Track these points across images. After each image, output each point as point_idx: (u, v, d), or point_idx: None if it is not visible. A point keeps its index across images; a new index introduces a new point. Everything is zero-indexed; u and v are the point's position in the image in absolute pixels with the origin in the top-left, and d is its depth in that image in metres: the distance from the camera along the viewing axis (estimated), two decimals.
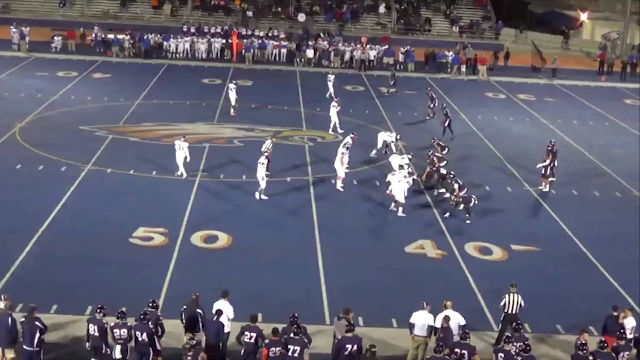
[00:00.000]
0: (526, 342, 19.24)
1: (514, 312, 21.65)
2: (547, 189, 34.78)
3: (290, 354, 18.75)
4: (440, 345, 18.95)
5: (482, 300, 24.66)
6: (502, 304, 21.82)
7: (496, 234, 30.07)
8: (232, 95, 44.85)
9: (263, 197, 31.55)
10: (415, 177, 32.77)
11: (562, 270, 27.44)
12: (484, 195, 33.55)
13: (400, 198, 31.00)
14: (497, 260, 28.00)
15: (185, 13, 76.25)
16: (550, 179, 34.79)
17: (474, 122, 46.88)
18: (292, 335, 18.94)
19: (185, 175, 33.76)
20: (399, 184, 31.21)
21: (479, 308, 24.08)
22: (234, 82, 47.21)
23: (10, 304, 19.51)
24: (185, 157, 33.87)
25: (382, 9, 77.84)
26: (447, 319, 20.13)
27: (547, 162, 34.60)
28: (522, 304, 21.78)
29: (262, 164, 31.41)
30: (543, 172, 34.73)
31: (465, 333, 19.37)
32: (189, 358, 18.42)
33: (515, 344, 19.35)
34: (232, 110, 44.84)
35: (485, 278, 26.14)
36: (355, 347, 18.91)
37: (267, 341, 18.87)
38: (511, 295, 21.76)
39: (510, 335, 19.68)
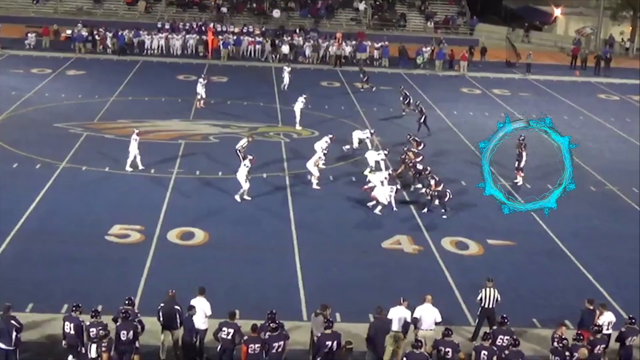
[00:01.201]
0: (514, 337, 19.39)
1: (490, 306, 21.75)
2: (521, 182, 34.96)
3: (274, 350, 18.75)
4: (419, 341, 19.04)
5: (458, 294, 24.74)
6: (478, 298, 21.91)
7: (472, 228, 30.18)
8: (201, 90, 45.16)
9: (246, 197, 31.40)
10: (398, 187, 32.57)
11: (537, 265, 27.58)
12: (460, 190, 33.69)
13: (383, 200, 31.01)
14: (473, 254, 28.10)
15: (160, 9, 76.05)
16: (521, 173, 35.05)
17: (450, 117, 47.03)
18: (271, 332, 18.89)
19: (130, 169, 33.80)
20: (383, 189, 31.19)
21: (455, 303, 24.15)
22: (203, 76, 47.26)
23: None
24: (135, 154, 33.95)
25: (361, 6, 77.81)
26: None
27: (523, 154, 34.86)
28: (499, 298, 21.88)
29: (246, 166, 31.23)
30: (517, 165, 34.94)
31: (448, 330, 19.40)
32: (103, 348, 18.23)
33: (502, 337, 19.50)
34: (199, 103, 45.20)
35: (462, 273, 26.25)
36: (334, 343, 18.91)
37: (246, 338, 18.84)
38: (488, 289, 21.85)
39: (488, 332, 19.80)
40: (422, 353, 18.67)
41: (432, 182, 31.36)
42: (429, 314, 20.74)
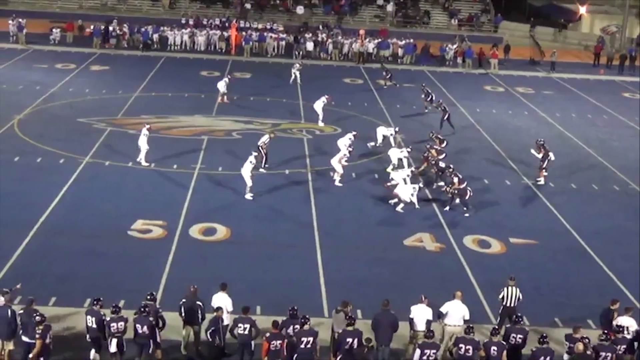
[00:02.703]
0: (544, 335, 19.34)
1: (512, 305, 21.68)
2: (543, 182, 34.79)
3: (303, 345, 18.78)
4: (431, 331, 19.13)
5: (480, 293, 24.67)
6: (500, 297, 21.84)
7: (494, 227, 30.08)
8: (222, 86, 45.45)
9: (248, 196, 31.20)
10: (420, 184, 32.50)
11: (560, 264, 27.45)
12: (483, 188, 33.59)
13: (405, 198, 30.96)
14: (495, 253, 28.00)
15: (184, 5, 76.21)
16: (544, 173, 34.88)
17: (473, 115, 46.87)
18: (300, 327, 18.95)
19: (144, 163, 33.97)
20: (405, 187, 31.15)
21: (477, 301, 24.04)
22: (229, 76, 47.49)
23: (9, 297, 19.51)
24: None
25: (389, 7, 77.47)
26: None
27: (541, 155, 34.60)
28: (521, 297, 21.81)
29: (252, 162, 31.17)
30: (541, 164, 34.76)
31: (469, 328, 19.39)
32: (37, 335, 18.30)
33: (515, 335, 19.46)
34: (222, 98, 45.49)
35: (484, 271, 26.16)
36: (355, 340, 18.91)
37: (267, 334, 18.86)
38: (510, 288, 21.79)
39: (495, 327, 19.79)
40: (434, 342, 18.83)
41: (456, 180, 31.25)
42: (457, 310, 20.73)
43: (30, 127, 38.86)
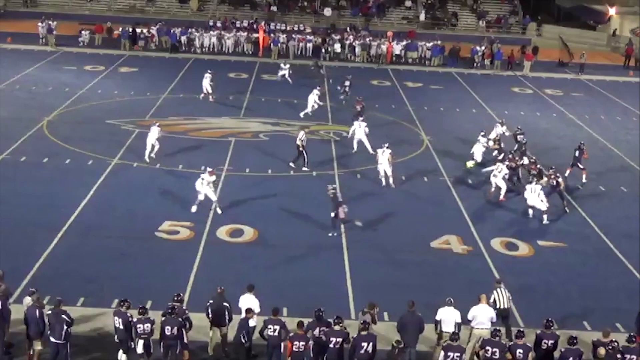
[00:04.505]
0: (573, 336, 19.26)
1: (505, 306, 21.55)
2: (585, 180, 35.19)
3: (332, 345, 18.77)
4: (456, 334, 19.06)
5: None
6: (492, 300, 21.59)
7: (522, 229, 29.94)
8: (207, 83, 46.16)
9: (193, 206, 29.77)
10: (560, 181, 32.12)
11: (588, 266, 27.29)
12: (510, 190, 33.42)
13: (540, 205, 30.72)
14: (523, 256, 27.85)
15: (212, 7, 76.43)
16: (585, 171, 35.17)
17: (501, 117, 46.57)
18: (330, 327, 18.99)
19: (147, 160, 34.49)
20: (532, 195, 30.84)
21: None
22: (209, 71, 47.84)
23: (38, 298, 19.64)
24: (153, 145, 34.61)
25: (421, 16, 77.22)
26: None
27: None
28: (510, 297, 21.71)
29: (206, 181, 29.49)
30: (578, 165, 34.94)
31: (496, 331, 19.31)
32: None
33: (547, 341, 19.43)
34: (210, 97, 46.09)
35: (511, 274, 25.95)
36: (370, 345, 18.84)
37: (291, 334, 18.88)
38: (499, 290, 21.67)
39: (520, 329, 19.68)
40: (459, 345, 18.75)
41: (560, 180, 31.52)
42: (484, 313, 20.64)
43: (59, 129, 39.12)
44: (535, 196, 30.69)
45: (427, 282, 25.19)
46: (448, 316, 20.40)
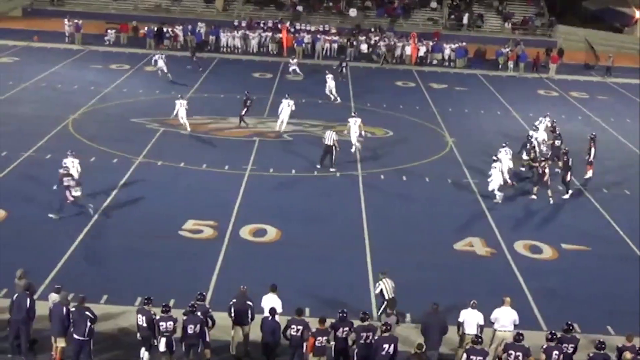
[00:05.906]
0: (600, 340, 19.20)
1: (392, 296, 21.56)
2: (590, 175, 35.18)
3: (362, 340, 19.01)
4: (479, 337, 18.98)
5: (531, 299, 24.41)
6: (377, 292, 21.88)
7: (546, 232, 29.81)
8: (161, 64, 50.20)
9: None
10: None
11: (612, 270, 27.10)
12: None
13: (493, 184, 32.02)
14: (547, 259, 27.72)
15: (237, 7, 76.58)
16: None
17: (526, 119, 46.41)
18: (361, 322, 19.19)
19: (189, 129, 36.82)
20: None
21: (527, 307, 23.78)
22: (161, 55, 51.13)
23: (65, 295, 19.75)
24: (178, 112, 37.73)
25: (451, 23, 77.22)
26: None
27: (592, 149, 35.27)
28: (394, 286, 21.73)
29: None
30: (587, 159, 34.78)
31: (519, 334, 19.21)
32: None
33: (567, 345, 19.32)
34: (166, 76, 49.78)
35: (535, 277, 25.88)
36: (391, 347, 18.84)
37: (313, 330, 18.92)
38: (384, 280, 21.74)
39: (553, 332, 19.56)
40: (482, 349, 18.67)
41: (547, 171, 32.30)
42: (507, 316, 20.56)
43: (85, 127, 39.32)
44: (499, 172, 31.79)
45: (449, 284, 25.09)
46: (471, 318, 20.36)
